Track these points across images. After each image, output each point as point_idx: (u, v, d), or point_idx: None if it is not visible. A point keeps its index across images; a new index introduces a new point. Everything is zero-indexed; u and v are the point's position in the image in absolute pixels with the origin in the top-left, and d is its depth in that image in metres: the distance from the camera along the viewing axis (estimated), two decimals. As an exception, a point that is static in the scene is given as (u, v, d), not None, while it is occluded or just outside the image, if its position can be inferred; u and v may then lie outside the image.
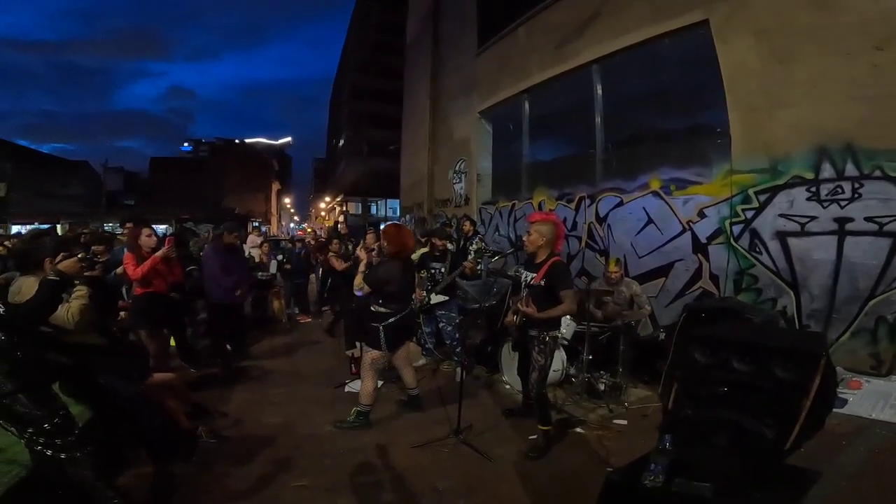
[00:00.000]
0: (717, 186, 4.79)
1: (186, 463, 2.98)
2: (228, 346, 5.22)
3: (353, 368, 4.67)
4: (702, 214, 4.91)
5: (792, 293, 4.22)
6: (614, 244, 5.82)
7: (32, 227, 17.88)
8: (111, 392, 2.74)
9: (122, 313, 4.11)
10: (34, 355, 2.19)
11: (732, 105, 4.62)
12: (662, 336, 4.59)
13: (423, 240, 6.39)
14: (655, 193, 5.37)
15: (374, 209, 38.68)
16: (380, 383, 4.26)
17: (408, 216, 13.88)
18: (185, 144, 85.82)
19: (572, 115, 7.06)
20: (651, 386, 4.31)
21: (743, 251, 4.52)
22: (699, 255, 4.93)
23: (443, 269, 4.93)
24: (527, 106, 8.02)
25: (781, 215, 4.25)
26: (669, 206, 5.21)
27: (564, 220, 6.46)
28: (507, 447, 3.33)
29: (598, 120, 6.39)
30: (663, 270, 5.25)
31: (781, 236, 4.27)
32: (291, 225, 55.26)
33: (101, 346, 2.74)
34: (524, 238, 3.34)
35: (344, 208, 39.03)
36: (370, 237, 5.78)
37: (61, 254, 2.25)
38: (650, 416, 3.79)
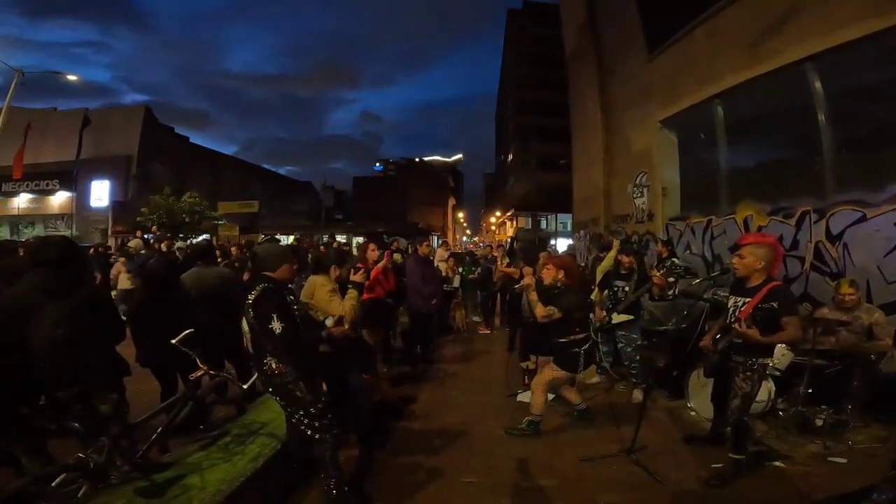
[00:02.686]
0: None
1: (382, 449, 3.49)
2: (419, 349, 5.93)
3: (526, 380, 4.84)
4: None
5: None
6: (852, 267, 4.77)
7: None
8: (345, 380, 3.30)
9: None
10: (313, 348, 2.75)
11: None
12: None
13: (601, 255, 6.23)
14: (913, 206, 4.25)
15: (543, 224, 38.61)
16: (550, 396, 4.35)
17: (581, 232, 13.55)
18: (377, 164, 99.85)
19: (783, 116, 6.16)
20: (889, 426, 3.60)
21: None
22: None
23: (626, 288, 4.75)
24: (720, 111, 7.21)
25: None
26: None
27: (781, 238, 5.52)
28: (683, 472, 3.13)
29: (821, 119, 5.41)
30: (925, 300, 4.11)
31: None
32: (464, 238, 58.82)
33: (352, 338, 3.39)
34: (734, 261, 3.07)
35: (514, 223, 39.85)
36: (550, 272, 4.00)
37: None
38: (880, 456, 3.20)
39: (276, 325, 2.34)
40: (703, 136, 7.66)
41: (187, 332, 2.89)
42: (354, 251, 10.19)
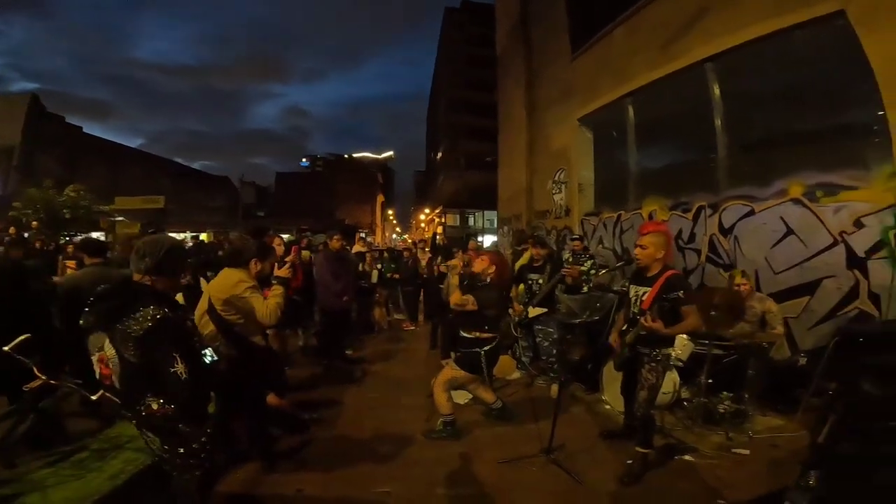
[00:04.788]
0: (879, 192, 4.01)
1: (290, 459, 3.20)
2: (335, 350, 5.56)
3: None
4: (859, 224, 4.12)
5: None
6: (743, 258, 5.14)
7: (184, 235, 21.13)
8: (241, 389, 2.87)
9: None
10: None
11: (890, 102, 3.91)
12: (803, 361, 4.02)
13: (518, 248, 6.26)
14: (797, 201, 4.64)
15: (471, 221, 39.24)
16: (469, 398, 4.23)
17: (505, 227, 13.78)
18: (304, 160, 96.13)
19: (685, 117, 6.52)
20: (785, 415, 3.85)
21: (914, 267, 3.71)
22: (855, 270, 4.15)
23: (540, 281, 4.76)
24: (631, 110, 7.55)
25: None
26: (816, 214, 4.47)
27: (680, 232, 5.94)
28: (601, 471, 3.14)
29: (717, 122, 5.79)
30: (808, 288, 4.50)
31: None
32: (394, 236, 58.22)
33: (259, 346, 2.96)
34: (636, 251, 3.09)
35: (443, 220, 40.10)
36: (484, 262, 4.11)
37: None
38: (781, 446, 3.38)
39: (181, 368, 1.70)
40: (615, 133, 8.00)
41: (23, 337, 2.51)
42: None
